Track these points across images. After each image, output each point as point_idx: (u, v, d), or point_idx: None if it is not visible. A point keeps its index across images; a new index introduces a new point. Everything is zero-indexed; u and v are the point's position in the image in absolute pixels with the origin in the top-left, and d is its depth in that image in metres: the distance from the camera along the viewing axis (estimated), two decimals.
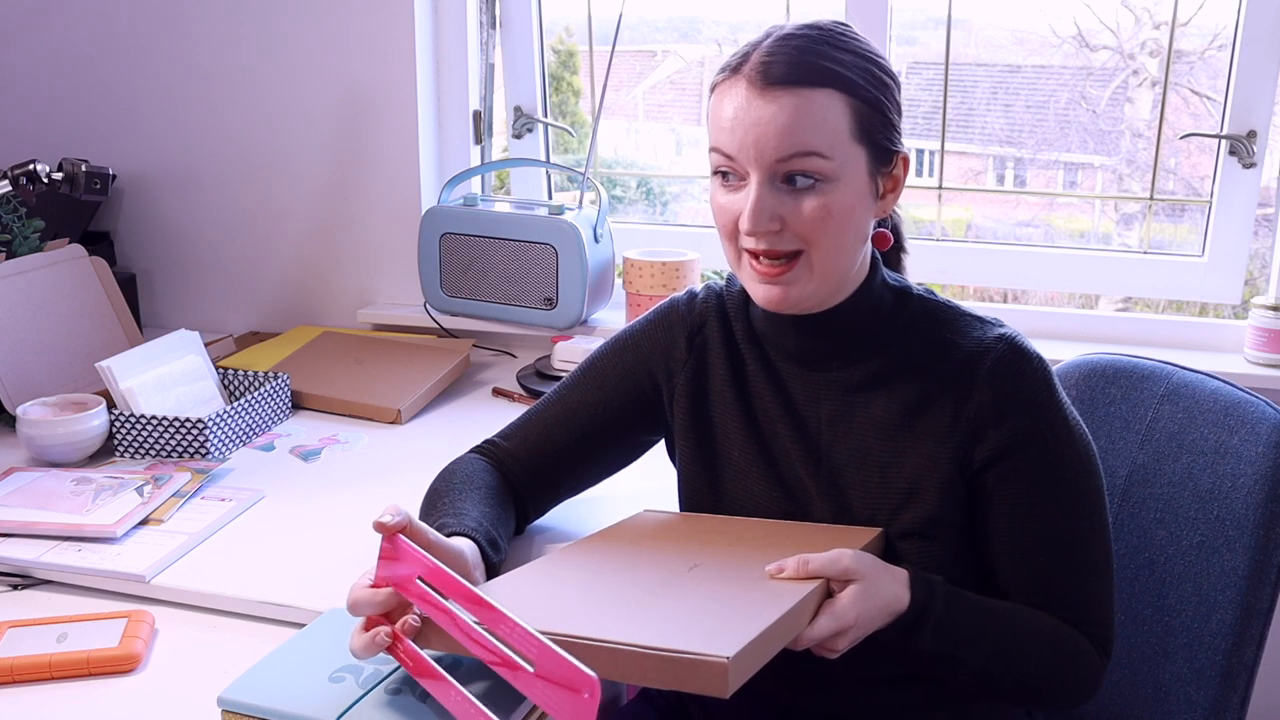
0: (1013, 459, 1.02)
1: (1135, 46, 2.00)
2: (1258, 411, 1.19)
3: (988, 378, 1.02)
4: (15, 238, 1.73)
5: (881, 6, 1.85)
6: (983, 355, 1.03)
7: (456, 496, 1.13)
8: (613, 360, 1.22)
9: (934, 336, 1.06)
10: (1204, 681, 1.17)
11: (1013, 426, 1.01)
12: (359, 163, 2.05)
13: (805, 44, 0.99)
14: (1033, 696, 1.05)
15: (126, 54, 2.11)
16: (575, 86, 2.33)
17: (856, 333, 1.08)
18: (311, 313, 2.15)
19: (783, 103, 0.97)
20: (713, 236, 1.62)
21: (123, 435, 1.51)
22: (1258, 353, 1.72)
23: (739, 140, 0.99)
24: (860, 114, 0.99)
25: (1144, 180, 2.00)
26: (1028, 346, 1.04)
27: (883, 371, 1.07)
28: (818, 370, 1.09)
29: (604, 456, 1.22)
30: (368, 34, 1.97)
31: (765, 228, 1.00)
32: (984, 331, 1.05)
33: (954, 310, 1.09)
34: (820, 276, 1.03)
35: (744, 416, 1.13)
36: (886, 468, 1.05)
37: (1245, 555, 1.16)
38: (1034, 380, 1.02)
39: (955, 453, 1.03)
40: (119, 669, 1.02)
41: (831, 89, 0.98)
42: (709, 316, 1.17)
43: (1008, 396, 1.02)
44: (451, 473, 1.19)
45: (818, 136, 0.98)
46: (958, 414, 1.03)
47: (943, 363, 1.05)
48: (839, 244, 1.01)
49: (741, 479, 1.12)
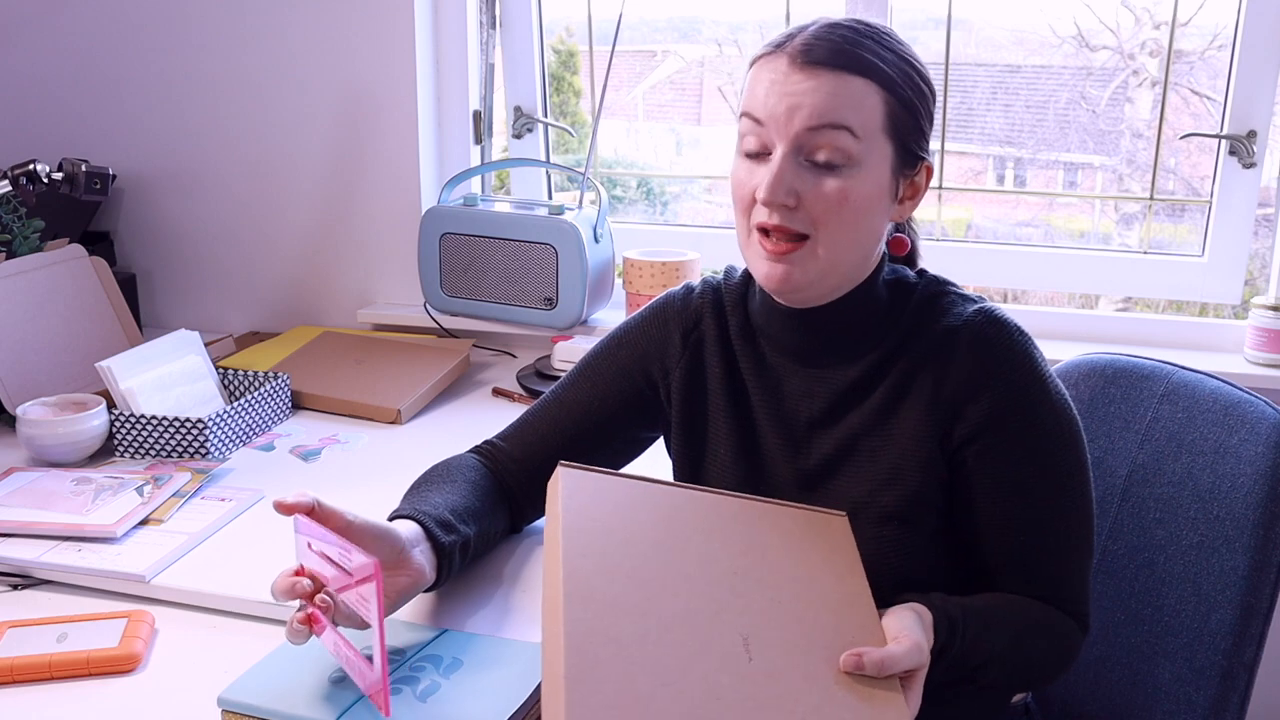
0: (992, 434, 1.02)
1: (1135, 46, 2.00)
2: (1257, 411, 1.19)
3: (966, 351, 1.02)
4: (15, 238, 1.73)
5: (881, 6, 1.85)
6: (960, 330, 1.03)
7: (426, 486, 1.15)
8: (608, 359, 1.22)
9: (919, 320, 1.06)
10: (1204, 681, 1.17)
11: (991, 401, 1.01)
12: (359, 163, 2.05)
13: (851, 34, 1.00)
14: (1027, 684, 1.07)
15: (127, 54, 2.11)
16: (575, 86, 2.33)
17: (853, 330, 1.07)
18: (311, 313, 2.15)
19: (821, 79, 0.98)
20: (713, 236, 1.63)
21: (123, 435, 1.51)
22: (1258, 353, 1.72)
23: (771, 106, 0.99)
24: (894, 111, 1.00)
25: (1144, 180, 2.00)
26: (1005, 318, 1.04)
27: (877, 367, 1.07)
28: (813, 366, 1.09)
29: (601, 455, 1.21)
30: (368, 34, 1.97)
31: (782, 200, 0.99)
32: (963, 307, 1.05)
33: (950, 294, 1.08)
34: (826, 264, 1.02)
35: (734, 412, 1.13)
36: (876, 453, 1.05)
37: (1245, 555, 1.16)
38: (1013, 351, 1.02)
39: (936, 429, 1.03)
40: (119, 669, 1.02)
41: (870, 80, 0.99)
42: (705, 312, 1.17)
43: (986, 370, 1.01)
44: (435, 467, 1.20)
45: (852, 114, 0.98)
46: (938, 390, 1.03)
47: (923, 343, 1.05)
48: (850, 234, 1.01)
49: (724, 474, 1.12)
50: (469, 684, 0.94)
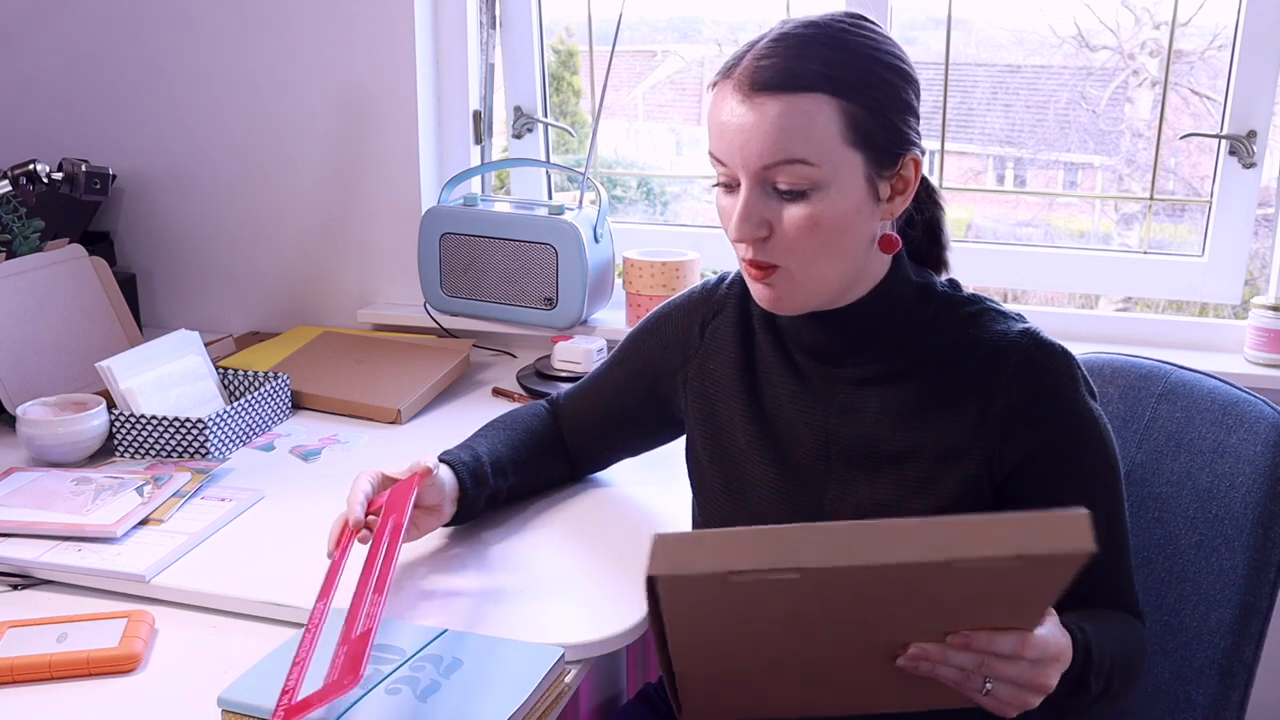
0: (1047, 457, 1.02)
1: (1135, 46, 2.00)
2: (1256, 410, 1.19)
3: (1015, 375, 1.01)
4: (15, 238, 1.73)
5: (881, 6, 1.85)
6: (1007, 350, 1.02)
7: (484, 432, 1.31)
8: (639, 345, 1.28)
9: (956, 332, 1.05)
10: (1203, 680, 1.17)
11: (1043, 424, 1.01)
12: (359, 163, 2.05)
13: (798, 45, 0.97)
14: (1127, 692, 1.05)
15: (127, 54, 2.11)
16: (575, 86, 2.33)
17: (874, 330, 1.07)
18: (311, 313, 2.15)
19: (765, 110, 0.96)
20: (713, 236, 1.62)
21: (123, 435, 1.51)
22: (1258, 353, 1.72)
23: (727, 146, 0.99)
24: (854, 117, 0.96)
25: (1144, 180, 2.00)
26: (1052, 341, 1.03)
27: (903, 367, 1.06)
28: (833, 366, 1.09)
29: (641, 431, 1.32)
30: (368, 34, 1.97)
31: (753, 235, 1.00)
32: (1006, 326, 1.04)
33: (977, 304, 1.07)
34: (808, 283, 1.02)
35: (749, 400, 1.13)
36: (901, 457, 1.05)
37: (1244, 554, 1.16)
38: (1060, 376, 1.02)
39: (983, 449, 1.02)
40: (119, 669, 1.02)
41: (819, 93, 0.95)
42: (729, 302, 1.18)
43: (1036, 394, 1.01)
44: (504, 414, 1.36)
45: (802, 144, 0.96)
46: (985, 411, 1.02)
47: (964, 357, 1.03)
48: (825, 253, 1.00)
49: (743, 461, 1.13)
50: (469, 684, 0.94)
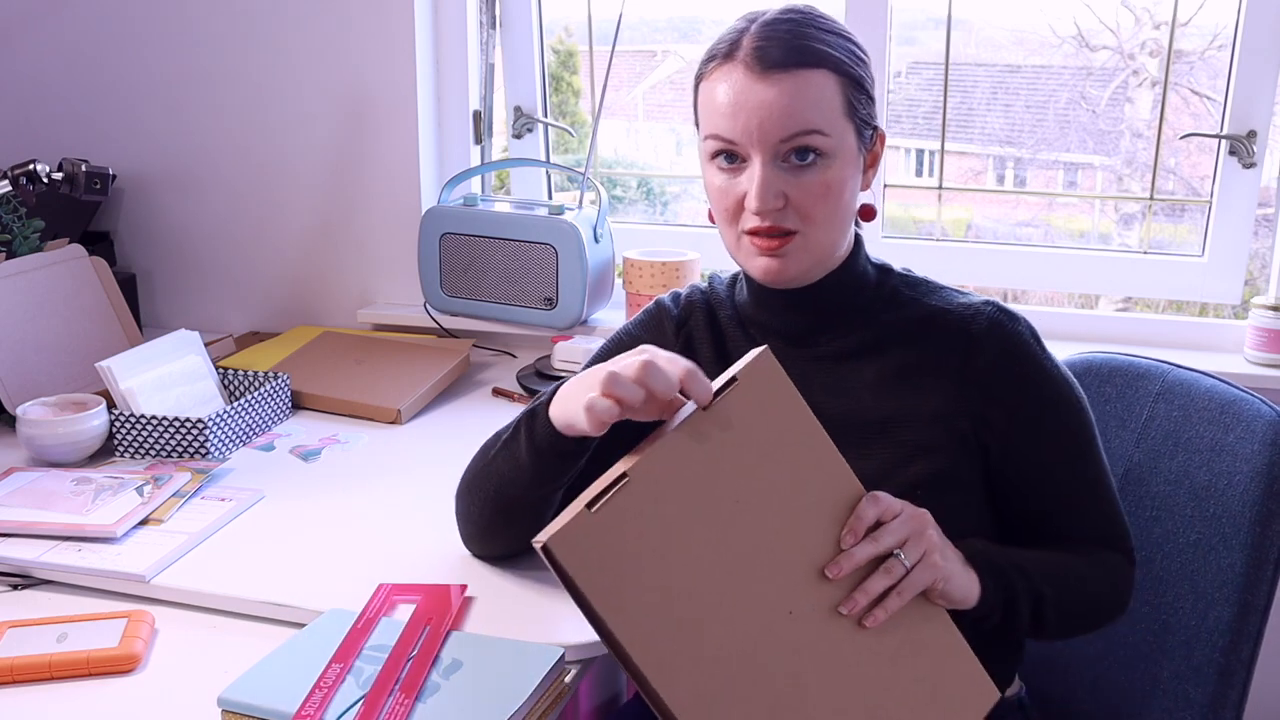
0: (1028, 409, 1.08)
1: (1135, 46, 2.00)
2: (1253, 409, 1.19)
3: (987, 338, 1.07)
4: (15, 238, 1.74)
5: (881, 6, 1.85)
6: (974, 317, 1.08)
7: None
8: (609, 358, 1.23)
9: (920, 305, 1.12)
10: (1201, 679, 1.17)
11: (1021, 381, 1.08)
12: (359, 163, 2.05)
13: (793, 27, 1.03)
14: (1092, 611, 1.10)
15: (127, 54, 2.11)
16: (575, 86, 2.33)
17: (843, 306, 1.12)
18: (311, 313, 2.15)
19: (783, 85, 1.01)
20: (713, 236, 1.61)
21: (123, 435, 1.51)
22: (1258, 353, 1.72)
23: (741, 124, 1.02)
24: (848, 92, 1.04)
25: (1144, 180, 2.00)
26: (1011, 308, 1.10)
27: (873, 340, 1.11)
28: (805, 347, 1.13)
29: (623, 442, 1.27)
30: (368, 34, 1.97)
31: (772, 205, 1.03)
32: (967, 298, 1.11)
33: (934, 283, 1.15)
34: (816, 250, 1.07)
35: None
36: (888, 424, 1.08)
37: (1242, 552, 1.16)
38: (1027, 337, 1.09)
39: (968, 409, 1.07)
40: (119, 669, 1.02)
41: (824, 69, 1.02)
42: (694, 310, 1.21)
43: (1009, 353, 1.08)
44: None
45: (818, 114, 1.02)
46: (964, 372, 1.08)
47: (934, 327, 1.10)
48: (835, 219, 1.06)
49: None
50: (469, 684, 0.94)
